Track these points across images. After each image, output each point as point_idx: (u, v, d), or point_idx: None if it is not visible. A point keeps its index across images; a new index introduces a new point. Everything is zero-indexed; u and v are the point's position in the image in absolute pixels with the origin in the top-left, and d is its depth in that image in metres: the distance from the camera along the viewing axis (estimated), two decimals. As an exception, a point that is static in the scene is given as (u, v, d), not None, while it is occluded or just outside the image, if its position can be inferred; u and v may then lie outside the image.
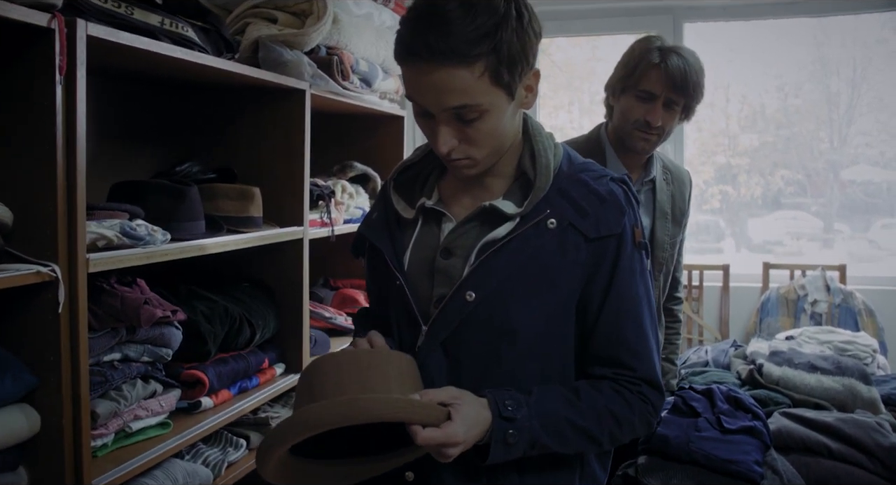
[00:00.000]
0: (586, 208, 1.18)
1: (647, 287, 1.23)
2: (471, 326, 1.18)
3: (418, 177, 1.30)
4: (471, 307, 1.16)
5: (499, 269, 1.16)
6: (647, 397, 1.21)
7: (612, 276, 1.19)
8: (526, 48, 1.10)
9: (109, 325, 1.57)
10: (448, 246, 1.21)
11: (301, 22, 2.17)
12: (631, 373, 1.20)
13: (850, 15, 3.77)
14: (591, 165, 1.26)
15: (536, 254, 1.16)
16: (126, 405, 1.58)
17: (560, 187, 1.19)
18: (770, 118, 4.25)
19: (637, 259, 1.21)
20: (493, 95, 1.09)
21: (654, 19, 3.80)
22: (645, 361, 1.21)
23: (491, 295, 1.16)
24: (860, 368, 2.22)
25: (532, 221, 1.17)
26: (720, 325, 3.80)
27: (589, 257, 1.18)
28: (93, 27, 1.35)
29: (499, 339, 1.18)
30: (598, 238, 1.18)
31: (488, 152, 1.17)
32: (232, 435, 1.97)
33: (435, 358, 1.19)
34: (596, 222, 1.17)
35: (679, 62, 1.85)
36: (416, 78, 1.09)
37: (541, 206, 1.18)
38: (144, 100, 2.17)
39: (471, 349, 1.19)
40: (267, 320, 2.07)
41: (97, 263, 1.40)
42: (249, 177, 2.13)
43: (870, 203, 4.15)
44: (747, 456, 1.80)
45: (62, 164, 1.32)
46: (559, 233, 1.17)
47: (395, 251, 1.24)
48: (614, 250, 1.18)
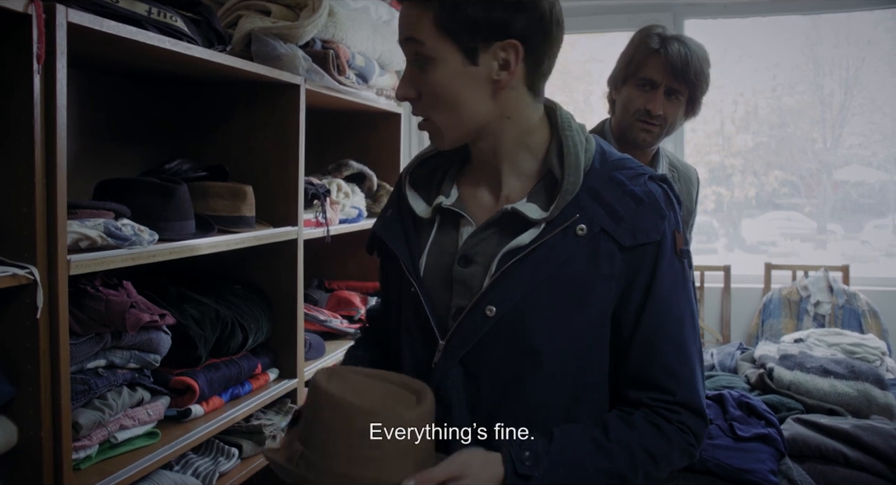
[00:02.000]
0: (621, 212, 1.06)
1: (689, 301, 1.11)
2: (491, 344, 1.08)
3: (436, 171, 1.21)
4: (491, 323, 1.07)
5: (522, 281, 1.06)
6: (687, 426, 1.08)
7: (650, 289, 1.07)
8: (489, 8, 1.03)
9: (93, 330, 1.49)
10: (467, 253, 1.11)
11: (295, 14, 2.10)
12: (669, 397, 1.08)
13: (844, 13, 3.75)
14: (629, 162, 1.13)
15: (564, 264, 1.06)
16: (111, 415, 1.50)
17: (591, 188, 1.08)
18: (764, 119, 4.25)
19: (679, 269, 1.09)
20: (439, 43, 1.04)
21: (653, 16, 3.75)
22: (685, 384, 1.08)
23: (513, 311, 1.06)
24: (875, 372, 2.16)
25: (559, 226, 1.06)
26: (721, 327, 3.74)
27: (624, 268, 1.07)
28: (74, 14, 1.27)
29: (522, 359, 1.08)
30: (634, 246, 1.06)
31: (446, 119, 1.09)
32: (223, 444, 1.90)
33: (453, 376, 1.10)
34: (632, 228, 1.06)
35: (680, 48, 1.79)
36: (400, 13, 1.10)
37: (569, 210, 1.07)
38: (132, 94, 2.09)
39: (492, 369, 1.09)
40: (260, 324, 2.00)
41: (79, 265, 1.32)
42: (242, 175, 2.06)
43: (863, 204, 4.14)
44: (762, 465, 1.73)
45: (41, 158, 1.24)
46: (590, 240, 1.06)
47: (410, 255, 1.15)
48: (652, 260, 1.07)
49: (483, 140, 1.13)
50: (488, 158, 1.15)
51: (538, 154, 1.13)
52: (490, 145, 1.13)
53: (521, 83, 1.09)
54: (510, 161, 1.14)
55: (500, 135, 1.12)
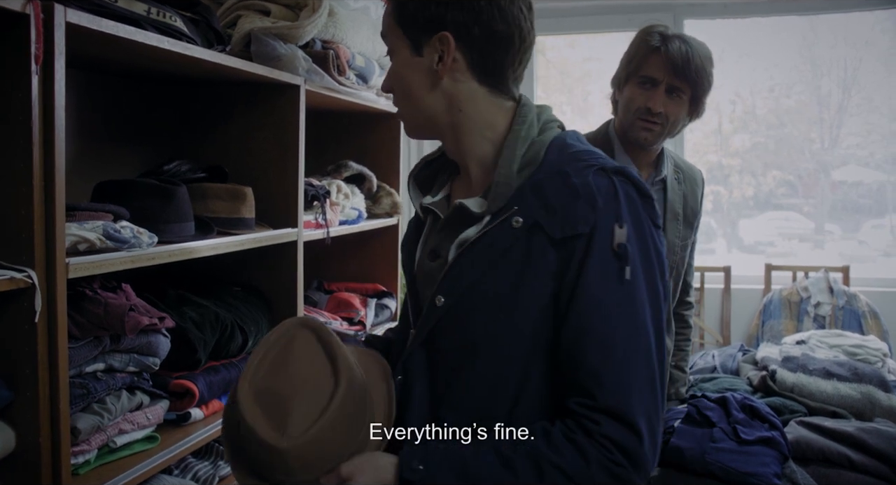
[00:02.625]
0: (555, 205, 1.05)
1: (630, 299, 1.03)
2: (441, 333, 1.13)
3: (439, 172, 1.28)
4: (440, 313, 1.12)
5: (467, 273, 1.09)
6: (610, 441, 0.99)
7: (576, 285, 1.02)
8: (425, 3, 1.11)
9: (92, 333, 1.47)
10: (434, 248, 1.19)
11: (295, 14, 2.08)
12: (590, 402, 1.00)
13: (842, 13, 3.76)
14: (586, 155, 1.11)
15: (502, 257, 1.07)
16: (110, 419, 1.49)
17: (537, 181, 1.08)
18: (762, 119, 4.25)
19: (614, 265, 1.02)
20: (395, 34, 1.15)
21: (653, 16, 3.74)
22: (610, 390, 1.00)
23: (458, 301, 1.10)
24: (878, 374, 2.16)
25: (499, 219, 1.08)
26: (721, 328, 3.74)
27: (556, 263, 1.04)
28: (72, 13, 1.25)
29: (465, 349, 1.10)
30: (564, 239, 1.04)
31: (402, 107, 1.18)
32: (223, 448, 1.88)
33: (417, 359, 1.16)
34: (562, 221, 1.04)
35: (681, 46, 1.78)
36: None
37: (511, 202, 1.08)
38: (130, 95, 2.08)
39: (444, 355, 1.14)
40: (260, 326, 1.98)
41: (77, 268, 1.31)
42: (241, 176, 2.05)
43: (860, 204, 4.14)
44: (766, 468, 1.72)
45: (39, 160, 1.22)
46: (526, 233, 1.06)
47: (409, 252, 1.25)
48: (581, 253, 1.03)
49: (446, 136, 1.19)
50: (456, 155, 1.20)
51: (500, 148, 1.14)
52: (452, 141, 1.18)
53: (468, 76, 1.13)
54: (474, 156, 1.17)
55: (458, 129, 1.16)
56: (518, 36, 1.13)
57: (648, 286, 1.05)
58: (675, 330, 2.03)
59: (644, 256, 1.05)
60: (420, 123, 1.19)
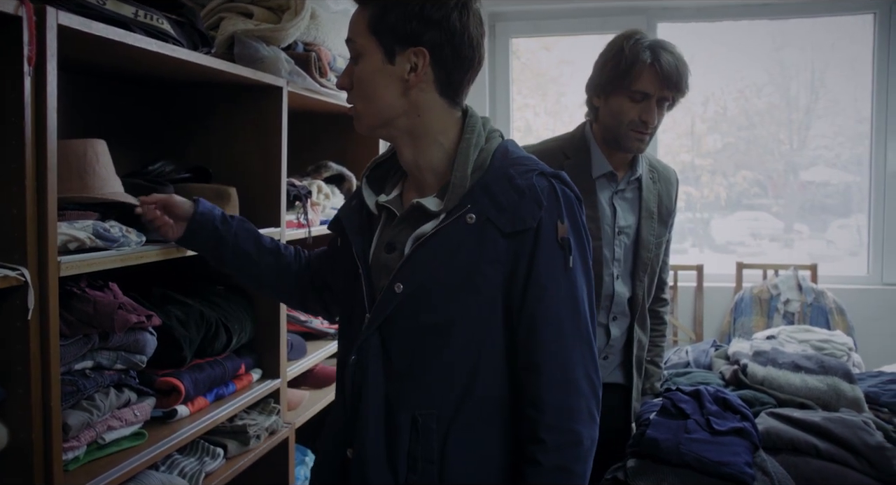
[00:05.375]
0: (504, 203, 1.21)
1: (572, 285, 1.23)
2: (399, 317, 1.26)
3: (389, 173, 1.40)
4: (398, 299, 1.25)
5: (424, 263, 1.23)
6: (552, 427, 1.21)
7: (529, 273, 1.20)
8: (407, 19, 1.23)
9: (81, 331, 1.48)
10: (390, 241, 1.31)
11: (277, 17, 2.10)
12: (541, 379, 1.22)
13: (810, 18, 3.85)
14: (525, 161, 1.28)
15: (457, 250, 1.22)
16: (99, 416, 1.50)
17: (485, 183, 1.23)
18: (732, 120, 4.32)
19: (559, 256, 1.21)
20: (368, 41, 1.25)
21: (627, 19, 3.81)
22: (557, 359, 1.21)
23: (416, 288, 1.24)
24: (843, 367, 2.23)
25: (453, 216, 1.22)
26: (694, 325, 3.82)
27: (507, 253, 1.21)
28: (63, 16, 1.27)
29: (426, 332, 1.25)
30: (514, 233, 1.20)
31: (364, 107, 1.28)
32: (209, 444, 1.90)
33: (372, 342, 1.29)
34: (512, 217, 1.20)
35: (671, 59, 1.83)
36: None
37: (463, 201, 1.23)
38: (114, 96, 2.09)
39: (401, 339, 1.27)
40: (243, 325, 2.01)
41: (69, 267, 1.33)
42: (224, 177, 2.06)
43: (827, 204, 4.24)
44: (738, 457, 1.78)
45: (31, 161, 1.24)
46: (478, 229, 1.21)
47: (362, 244, 1.34)
48: (531, 245, 1.20)
49: (400, 139, 1.32)
50: (409, 157, 1.32)
51: (451, 153, 1.30)
52: (408, 144, 1.31)
53: (432, 88, 1.27)
54: (427, 159, 1.31)
55: (414, 133, 1.30)
56: (478, 59, 1.30)
57: (585, 273, 1.26)
58: (651, 326, 2.09)
59: (580, 248, 1.24)
60: (376, 124, 1.31)
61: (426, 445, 1.24)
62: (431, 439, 1.24)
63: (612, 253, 1.94)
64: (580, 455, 1.23)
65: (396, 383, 1.27)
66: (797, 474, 1.85)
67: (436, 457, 1.24)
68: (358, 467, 1.27)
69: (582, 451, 1.23)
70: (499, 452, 1.27)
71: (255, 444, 1.99)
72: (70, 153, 1.53)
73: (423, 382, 1.25)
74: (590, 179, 1.93)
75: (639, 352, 2.01)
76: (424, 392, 1.25)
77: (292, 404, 2.28)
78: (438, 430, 1.25)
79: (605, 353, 1.98)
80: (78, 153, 1.54)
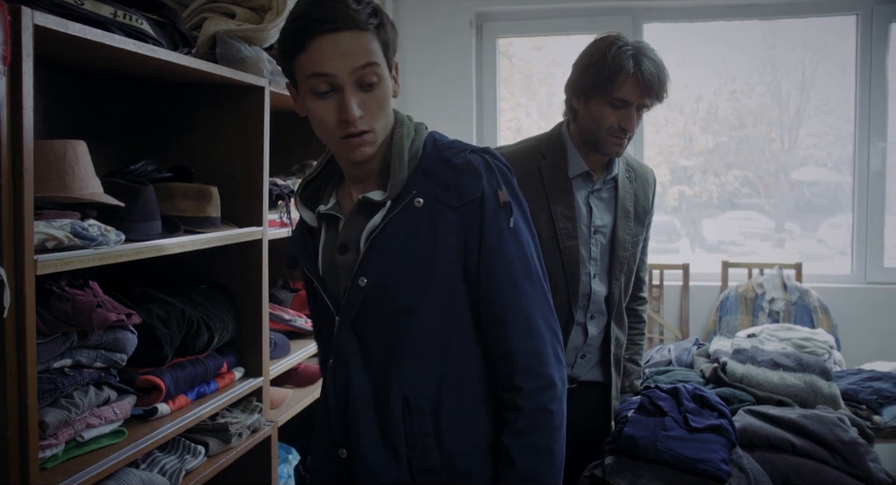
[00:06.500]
0: (447, 182, 1.29)
1: (520, 245, 1.32)
2: (370, 308, 1.31)
3: (321, 188, 1.44)
4: (365, 291, 1.30)
5: (382, 252, 1.29)
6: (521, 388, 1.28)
7: (481, 237, 1.29)
8: (394, 36, 1.30)
9: (59, 330, 1.50)
10: (343, 242, 1.35)
11: (259, 17, 2.12)
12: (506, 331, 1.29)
13: (800, 19, 3.87)
14: (455, 144, 1.36)
15: (411, 233, 1.28)
16: (77, 413, 1.51)
17: (424, 168, 1.31)
18: (724, 120, 4.32)
19: (504, 218, 1.30)
20: (382, 62, 1.27)
21: (613, 20, 3.82)
22: (518, 313, 1.29)
23: (380, 278, 1.29)
24: (821, 364, 2.25)
25: (400, 204, 1.28)
26: (680, 324, 3.83)
27: (459, 226, 1.28)
28: (39, 16, 1.28)
29: (397, 317, 1.30)
30: (461, 205, 1.28)
31: (381, 125, 1.29)
32: (190, 442, 1.91)
33: (347, 340, 1.34)
34: (457, 192, 1.28)
35: (652, 68, 1.83)
36: (327, 47, 1.22)
37: (408, 188, 1.29)
38: (96, 96, 2.09)
39: (374, 329, 1.32)
40: (225, 323, 2.02)
41: (46, 265, 1.34)
42: (207, 176, 2.07)
43: (818, 204, 4.25)
44: (714, 454, 1.80)
45: (7, 160, 1.25)
46: (428, 210, 1.28)
47: (309, 259, 1.39)
48: (479, 213, 1.28)
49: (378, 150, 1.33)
50: (371, 164, 1.34)
51: (384, 148, 1.34)
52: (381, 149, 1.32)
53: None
54: (377, 160, 1.34)
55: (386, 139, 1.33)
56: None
57: (528, 230, 1.35)
58: (629, 324, 2.10)
59: (520, 209, 1.34)
60: (383, 141, 1.32)
61: (420, 421, 1.30)
62: (425, 414, 1.30)
63: (589, 252, 1.95)
64: (555, 396, 1.30)
65: (379, 372, 1.32)
66: (773, 471, 1.87)
67: (431, 430, 1.30)
68: (358, 461, 1.32)
69: (556, 392, 1.31)
70: (485, 411, 1.34)
71: (236, 442, 2.00)
72: (50, 153, 1.54)
73: (404, 364, 1.31)
74: (566, 178, 1.95)
75: (616, 350, 2.03)
76: (408, 373, 1.31)
77: (275, 403, 2.30)
78: (428, 404, 1.31)
79: (582, 351, 1.99)
80: (58, 153, 1.55)
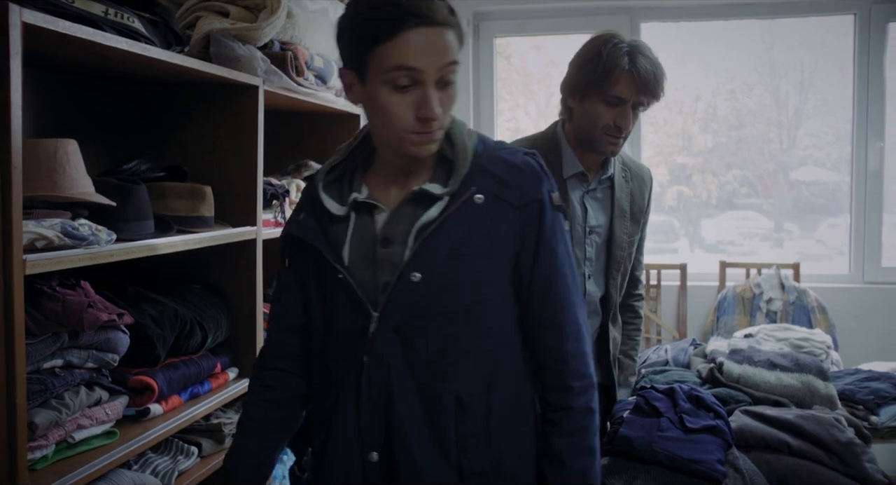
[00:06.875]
0: (508, 180, 1.28)
1: (567, 247, 1.34)
2: (423, 308, 1.25)
3: (344, 176, 1.37)
4: (418, 288, 1.24)
5: (438, 248, 1.24)
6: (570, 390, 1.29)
7: (540, 237, 1.29)
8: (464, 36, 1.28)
9: (50, 330, 1.49)
10: (386, 235, 1.29)
11: (254, 16, 2.11)
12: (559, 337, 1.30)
13: (798, 18, 3.86)
14: (505, 144, 1.37)
15: (470, 229, 1.25)
16: (68, 414, 1.50)
17: (481, 165, 1.28)
18: (723, 119, 4.32)
19: (559, 220, 1.32)
20: (459, 61, 1.24)
21: (611, 19, 3.81)
22: (570, 314, 1.31)
23: (437, 274, 1.24)
24: (817, 364, 2.24)
25: (460, 199, 1.25)
26: (678, 324, 3.82)
27: (517, 225, 1.27)
28: (28, 14, 1.27)
29: (453, 316, 1.26)
30: (523, 204, 1.27)
31: (447, 122, 1.27)
32: (183, 443, 1.90)
33: (390, 343, 1.26)
34: (519, 191, 1.28)
35: (648, 65, 1.82)
36: (417, 41, 1.17)
37: (466, 184, 1.26)
38: (89, 94, 2.09)
39: (424, 329, 1.26)
40: (219, 323, 2.01)
41: (35, 265, 1.33)
42: (200, 176, 2.07)
43: (817, 204, 4.24)
44: (710, 455, 1.79)
45: (-5, 159, 1.24)
46: (487, 206, 1.26)
47: (331, 247, 1.31)
48: (538, 213, 1.28)
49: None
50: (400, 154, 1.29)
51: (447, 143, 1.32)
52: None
53: None
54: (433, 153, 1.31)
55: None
56: None
57: (569, 232, 1.37)
58: (624, 320, 2.09)
59: (564, 213, 1.36)
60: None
61: (472, 422, 1.27)
62: (476, 415, 1.27)
63: (584, 252, 1.95)
64: (595, 396, 1.34)
65: (427, 371, 1.26)
66: (769, 471, 1.86)
67: (482, 431, 1.27)
68: (405, 464, 1.25)
69: (595, 392, 1.34)
70: (527, 410, 1.34)
71: (230, 442, 1.99)
72: (40, 152, 1.53)
73: (457, 363, 1.27)
74: (560, 178, 1.94)
75: (615, 350, 2.02)
76: (460, 373, 1.27)
77: (270, 403, 2.28)
78: (479, 404, 1.28)
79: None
80: (48, 152, 1.54)
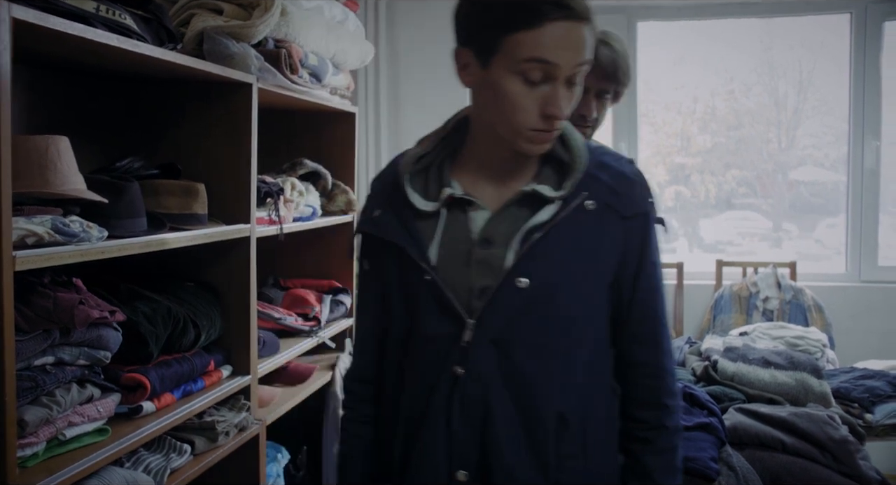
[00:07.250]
0: (617, 188, 1.21)
1: (660, 257, 1.29)
2: (524, 316, 1.18)
3: (429, 169, 1.28)
4: (523, 296, 1.16)
5: (548, 254, 1.17)
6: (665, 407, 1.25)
7: (644, 250, 1.23)
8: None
9: (41, 327, 1.48)
10: (487, 236, 1.20)
11: (248, 13, 2.10)
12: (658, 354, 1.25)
13: (797, 17, 3.86)
14: (606, 148, 1.32)
15: (580, 236, 1.18)
16: (59, 411, 1.50)
17: (589, 170, 1.21)
18: (721, 119, 4.31)
19: (657, 234, 1.27)
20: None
21: (607, 18, 3.80)
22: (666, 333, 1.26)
23: (543, 282, 1.17)
24: (812, 362, 2.24)
25: (572, 203, 1.18)
26: (674, 322, 3.82)
27: (623, 236, 1.21)
28: (18, 9, 1.26)
29: (556, 327, 1.19)
30: (631, 216, 1.21)
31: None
32: (175, 440, 1.89)
33: (486, 354, 1.18)
34: (629, 201, 1.21)
35: (608, 52, 1.82)
36: (560, 35, 1.10)
37: (578, 188, 1.19)
38: (81, 92, 2.08)
39: (525, 340, 1.18)
40: (213, 321, 2.00)
41: (25, 261, 1.32)
42: (194, 173, 2.06)
43: (816, 203, 4.24)
44: (703, 453, 1.79)
45: (-16, 155, 1.24)
46: (597, 213, 1.19)
47: (418, 246, 1.22)
48: (644, 226, 1.23)
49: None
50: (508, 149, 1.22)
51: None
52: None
53: None
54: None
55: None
56: None
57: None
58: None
59: (663, 225, 1.31)
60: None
61: (572, 439, 1.20)
62: (577, 435, 1.21)
63: None
64: (681, 413, 1.30)
65: (525, 385, 1.19)
66: (763, 469, 1.86)
67: (580, 448, 1.21)
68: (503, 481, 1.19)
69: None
70: (615, 427, 1.28)
71: (223, 440, 1.98)
72: (31, 148, 1.52)
73: (557, 379, 1.20)
74: None
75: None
76: (560, 387, 1.20)
77: (264, 401, 2.28)
78: (579, 420, 1.21)
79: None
80: (39, 149, 1.54)
